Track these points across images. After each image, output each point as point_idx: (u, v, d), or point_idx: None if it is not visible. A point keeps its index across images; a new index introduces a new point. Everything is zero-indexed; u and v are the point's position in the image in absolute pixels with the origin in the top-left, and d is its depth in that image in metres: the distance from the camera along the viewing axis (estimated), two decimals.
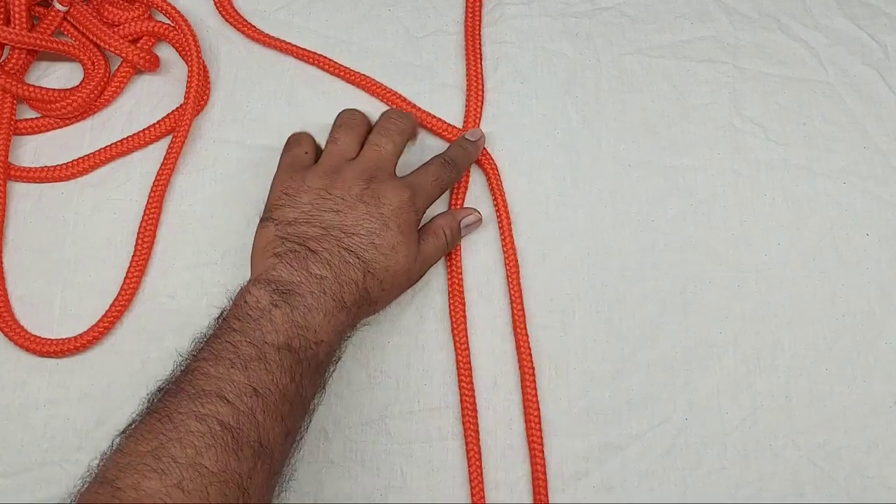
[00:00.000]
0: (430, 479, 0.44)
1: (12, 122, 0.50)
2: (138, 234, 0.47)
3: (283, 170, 0.45)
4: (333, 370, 0.42)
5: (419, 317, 0.47)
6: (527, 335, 0.46)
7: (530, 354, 0.45)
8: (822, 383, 0.46)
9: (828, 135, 0.51)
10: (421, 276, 0.45)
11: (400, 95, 0.51)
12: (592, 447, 0.44)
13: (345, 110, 0.48)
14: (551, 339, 0.46)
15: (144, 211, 0.48)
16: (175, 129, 0.50)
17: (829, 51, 0.53)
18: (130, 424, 0.36)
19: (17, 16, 0.48)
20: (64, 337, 0.45)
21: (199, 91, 0.50)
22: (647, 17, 0.54)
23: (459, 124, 0.51)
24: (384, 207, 0.43)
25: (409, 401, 0.45)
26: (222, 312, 0.40)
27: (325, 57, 0.52)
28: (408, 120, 0.48)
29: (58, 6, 0.49)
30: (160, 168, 0.49)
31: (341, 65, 0.52)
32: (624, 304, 0.47)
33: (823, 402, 0.45)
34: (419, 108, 0.51)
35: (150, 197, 0.48)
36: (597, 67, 0.52)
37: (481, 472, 0.43)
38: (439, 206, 0.48)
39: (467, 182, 0.49)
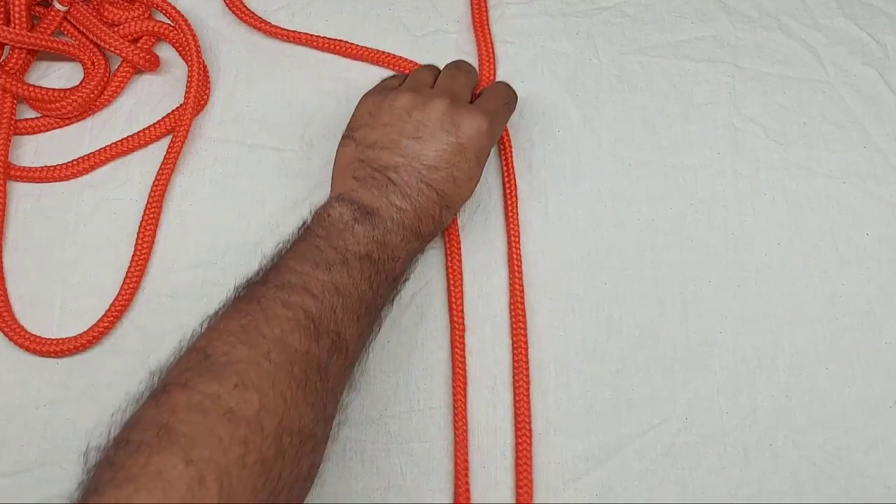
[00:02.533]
0: (430, 478, 0.44)
1: (12, 122, 0.50)
2: (138, 234, 0.47)
3: (371, 91, 0.46)
4: (402, 289, 0.44)
5: (419, 316, 0.47)
6: (525, 336, 0.46)
7: (526, 354, 0.45)
8: (822, 383, 0.46)
9: (828, 135, 0.51)
10: None
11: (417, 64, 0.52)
12: (592, 446, 0.44)
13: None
14: (551, 339, 0.46)
15: (144, 211, 0.48)
16: (175, 129, 0.50)
17: (829, 51, 0.53)
18: (219, 310, 0.37)
19: (17, 16, 0.48)
20: (64, 337, 0.45)
21: (199, 91, 0.50)
22: (648, 16, 0.54)
23: None
24: (463, 137, 0.43)
25: (409, 400, 0.45)
26: (304, 223, 0.41)
27: (342, 41, 0.52)
28: (474, 67, 0.49)
29: (58, 6, 0.49)
30: (160, 168, 0.49)
31: (360, 45, 0.52)
32: (624, 304, 0.47)
33: (823, 402, 0.45)
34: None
35: (150, 197, 0.48)
36: (597, 67, 0.52)
37: (467, 472, 0.43)
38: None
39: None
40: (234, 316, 0.36)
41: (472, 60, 0.51)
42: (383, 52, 0.52)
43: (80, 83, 0.50)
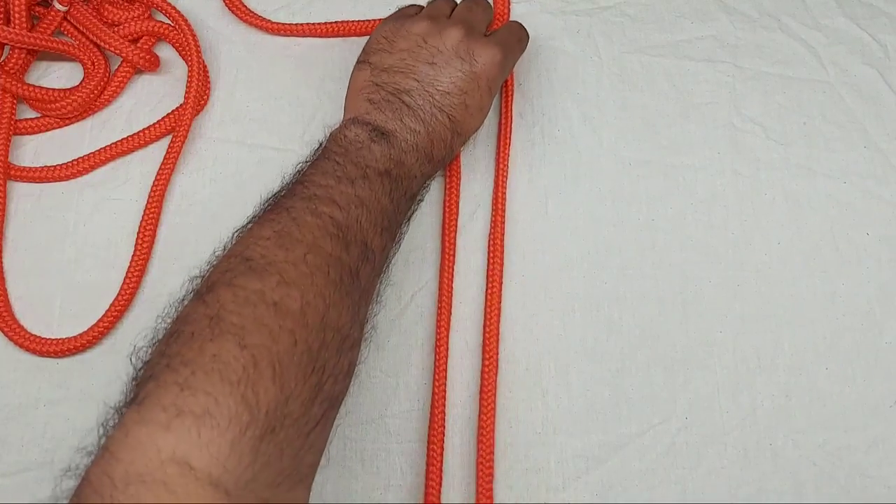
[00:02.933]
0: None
1: (12, 122, 0.50)
2: (138, 234, 0.47)
3: (389, 17, 0.47)
4: (416, 209, 0.45)
5: (419, 316, 0.47)
6: (497, 331, 0.46)
7: (496, 351, 0.45)
8: (822, 383, 0.46)
9: (828, 135, 0.51)
10: None
11: None
12: (592, 446, 0.44)
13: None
14: (551, 338, 0.46)
15: (144, 211, 0.48)
16: (175, 129, 0.50)
17: (829, 51, 0.53)
18: (248, 222, 0.38)
19: (17, 16, 0.48)
20: (64, 337, 0.45)
21: (199, 91, 0.50)
22: (648, 16, 0.54)
23: None
24: (477, 66, 0.44)
25: (409, 400, 0.45)
26: (321, 145, 0.42)
27: (347, 21, 0.53)
28: (489, 3, 0.49)
29: (58, 6, 0.49)
30: (160, 168, 0.49)
31: (362, 20, 0.53)
32: (624, 304, 0.47)
33: (823, 402, 0.45)
34: None
35: (150, 197, 0.48)
36: (597, 66, 0.52)
37: (440, 472, 0.43)
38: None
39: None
40: (266, 224, 0.37)
41: None
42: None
43: (80, 83, 0.50)
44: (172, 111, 0.50)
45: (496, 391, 0.45)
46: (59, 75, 0.52)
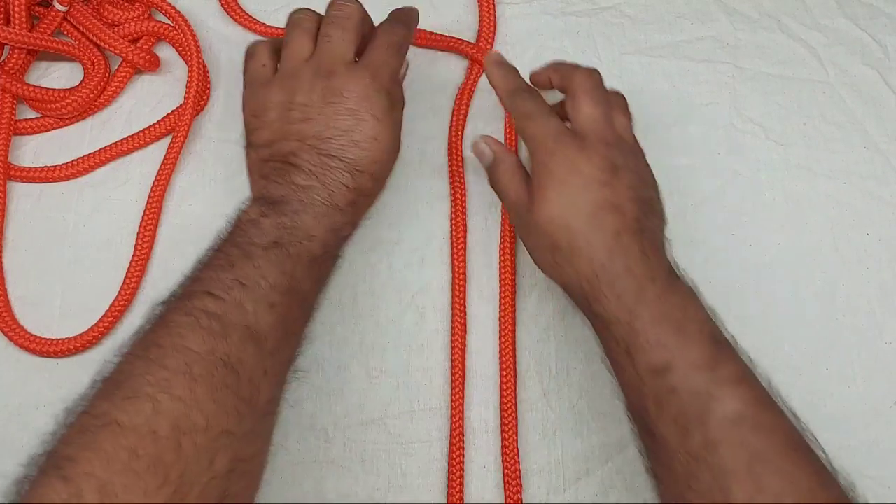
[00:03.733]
0: (430, 478, 0.44)
1: (12, 122, 0.50)
2: (138, 234, 0.47)
3: (246, 90, 0.45)
4: (333, 266, 0.43)
5: (419, 317, 0.47)
6: (513, 336, 0.46)
7: (514, 355, 0.45)
8: (822, 383, 0.46)
9: (828, 135, 0.51)
10: (399, 144, 0.45)
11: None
12: (594, 447, 0.44)
13: (294, 10, 0.46)
14: (552, 339, 0.46)
15: (144, 211, 0.48)
16: (175, 129, 0.50)
17: (829, 51, 0.53)
18: (132, 337, 0.37)
19: (17, 16, 0.48)
20: (64, 337, 0.45)
21: (199, 91, 0.50)
22: (648, 16, 0.54)
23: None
24: (350, 101, 0.42)
25: (409, 401, 0.45)
26: (219, 236, 0.41)
27: None
28: (354, 5, 0.45)
29: (58, 6, 0.49)
30: (160, 168, 0.49)
31: None
32: None
33: (823, 402, 0.45)
34: (437, 35, 0.52)
35: (150, 197, 0.48)
36: (597, 66, 0.52)
37: (462, 472, 0.43)
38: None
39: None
40: (138, 338, 0.36)
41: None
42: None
43: (80, 83, 0.50)
44: (172, 111, 0.50)
45: (516, 392, 0.45)
46: (59, 75, 0.52)
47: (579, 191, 0.40)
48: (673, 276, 0.39)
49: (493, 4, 0.53)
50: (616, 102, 0.44)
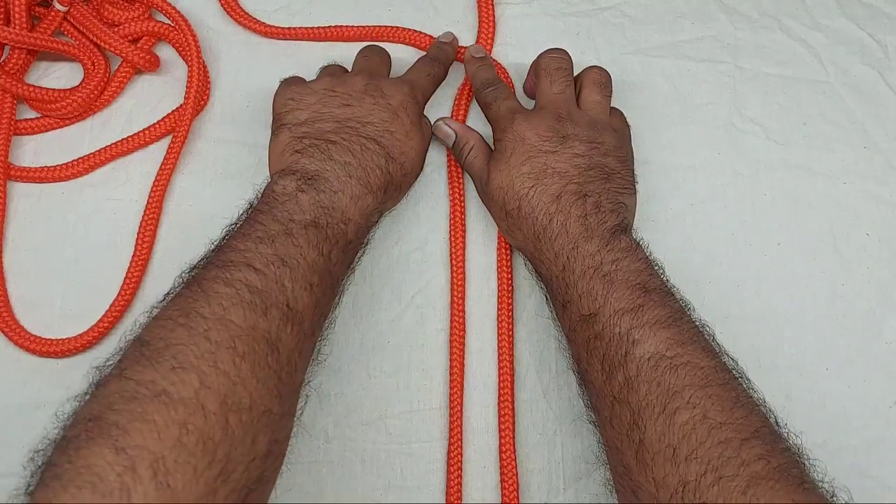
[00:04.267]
0: (430, 478, 0.44)
1: (12, 122, 0.50)
2: (138, 234, 0.47)
3: (282, 85, 0.47)
4: (362, 254, 0.44)
5: (419, 317, 0.47)
6: (510, 336, 0.46)
7: (511, 355, 0.45)
8: (822, 383, 0.46)
9: (828, 135, 0.51)
10: (423, 165, 0.48)
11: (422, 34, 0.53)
12: (593, 447, 0.44)
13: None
14: (552, 338, 0.46)
15: (144, 211, 0.48)
16: (175, 129, 0.50)
17: (829, 51, 0.53)
18: (163, 299, 0.37)
19: (17, 16, 0.48)
20: (64, 337, 0.45)
21: (199, 91, 0.50)
22: (648, 16, 0.54)
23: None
24: (390, 99, 0.45)
25: (409, 401, 0.45)
26: (250, 205, 0.41)
27: (340, 26, 0.53)
28: (385, 53, 0.50)
29: (58, 6, 0.49)
30: (160, 168, 0.49)
31: (358, 25, 0.53)
32: None
33: (823, 402, 0.45)
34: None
35: (150, 197, 0.48)
36: None
37: (461, 472, 0.43)
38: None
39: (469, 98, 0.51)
40: (175, 301, 0.35)
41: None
42: (381, 27, 0.53)
43: (80, 83, 0.50)
44: (172, 111, 0.50)
45: (514, 392, 0.45)
46: (59, 75, 0.52)
47: (524, 158, 0.43)
48: (615, 236, 0.41)
49: (493, 5, 0.53)
50: (592, 80, 0.47)
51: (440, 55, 0.50)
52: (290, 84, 0.46)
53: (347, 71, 0.49)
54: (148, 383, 0.31)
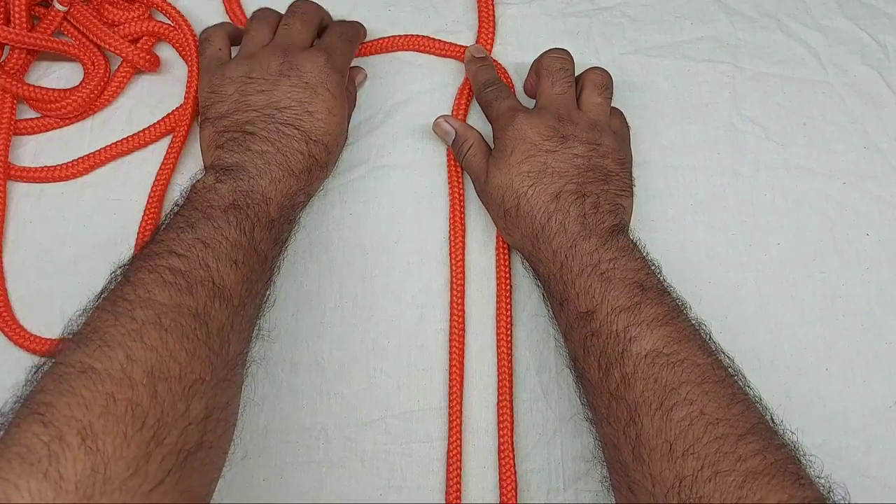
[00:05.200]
0: (430, 478, 0.44)
1: (12, 122, 0.50)
2: (138, 234, 0.47)
3: (203, 72, 0.48)
4: (291, 232, 0.45)
5: (419, 317, 0.47)
6: (509, 337, 0.46)
7: (510, 355, 0.46)
8: (822, 383, 0.46)
9: (828, 135, 0.51)
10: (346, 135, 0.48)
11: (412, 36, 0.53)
12: (593, 446, 0.44)
13: (258, 8, 0.49)
14: (552, 338, 0.46)
15: (144, 211, 0.48)
16: (175, 129, 0.50)
17: (829, 51, 0.53)
18: (96, 297, 0.38)
19: (17, 16, 0.48)
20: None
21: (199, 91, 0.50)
22: (647, 17, 0.54)
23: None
24: (306, 76, 0.44)
25: (409, 401, 0.45)
26: (176, 204, 0.42)
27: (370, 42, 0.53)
28: (314, 3, 0.49)
29: (58, 6, 0.49)
30: (160, 168, 0.49)
31: (382, 39, 0.53)
32: None
33: (823, 402, 0.45)
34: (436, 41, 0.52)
35: (150, 197, 0.48)
36: None
37: (460, 472, 0.43)
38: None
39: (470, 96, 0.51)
40: (104, 296, 0.37)
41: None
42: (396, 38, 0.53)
43: (80, 83, 0.50)
44: (172, 111, 0.50)
45: (513, 393, 0.45)
46: (59, 75, 0.52)
47: (524, 157, 0.43)
48: (613, 236, 0.41)
49: (493, 5, 0.53)
50: (593, 82, 0.47)
51: (350, 21, 0.50)
52: (208, 73, 0.46)
53: (273, 26, 0.48)
54: (76, 363, 0.33)
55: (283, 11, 0.49)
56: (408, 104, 0.51)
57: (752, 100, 0.52)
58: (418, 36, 0.52)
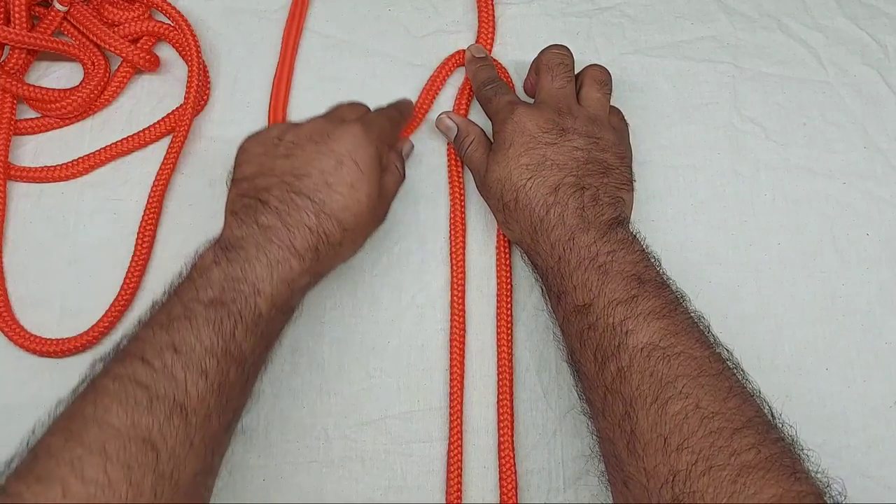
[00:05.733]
0: (430, 478, 0.44)
1: (12, 122, 0.50)
2: (138, 234, 0.47)
3: (248, 137, 0.45)
4: (287, 322, 0.41)
5: (419, 316, 0.47)
6: (509, 336, 0.46)
7: (510, 355, 0.46)
8: (822, 383, 0.46)
9: (828, 135, 0.51)
10: (386, 214, 0.44)
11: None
12: (594, 446, 0.44)
13: None
14: (552, 338, 0.46)
15: (144, 211, 0.48)
16: (175, 129, 0.50)
17: (829, 51, 0.53)
18: (80, 383, 0.37)
19: (17, 16, 0.48)
20: (64, 337, 0.45)
21: (199, 91, 0.50)
22: (648, 17, 0.54)
23: None
24: (336, 143, 0.41)
25: (409, 401, 0.45)
26: (179, 274, 0.40)
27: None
28: (364, 105, 0.47)
29: (58, 6, 0.49)
30: (160, 168, 0.49)
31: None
32: None
33: (823, 402, 0.45)
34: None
35: (150, 197, 0.48)
36: None
37: (460, 473, 0.43)
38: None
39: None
40: (70, 403, 0.35)
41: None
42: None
43: (80, 83, 0.50)
44: (172, 111, 0.50)
45: (513, 393, 0.45)
46: (59, 75, 0.52)
47: (523, 150, 0.43)
48: (612, 228, 0.41)
49: (493, 5, 0.53)
50: (592, 77, 0.47)
51: (402, 105, 0.48)
52: (252, 135, 0.44)
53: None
54: (14, 495, 0.32)
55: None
56: None
57: (752, 100, 0.52)
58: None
